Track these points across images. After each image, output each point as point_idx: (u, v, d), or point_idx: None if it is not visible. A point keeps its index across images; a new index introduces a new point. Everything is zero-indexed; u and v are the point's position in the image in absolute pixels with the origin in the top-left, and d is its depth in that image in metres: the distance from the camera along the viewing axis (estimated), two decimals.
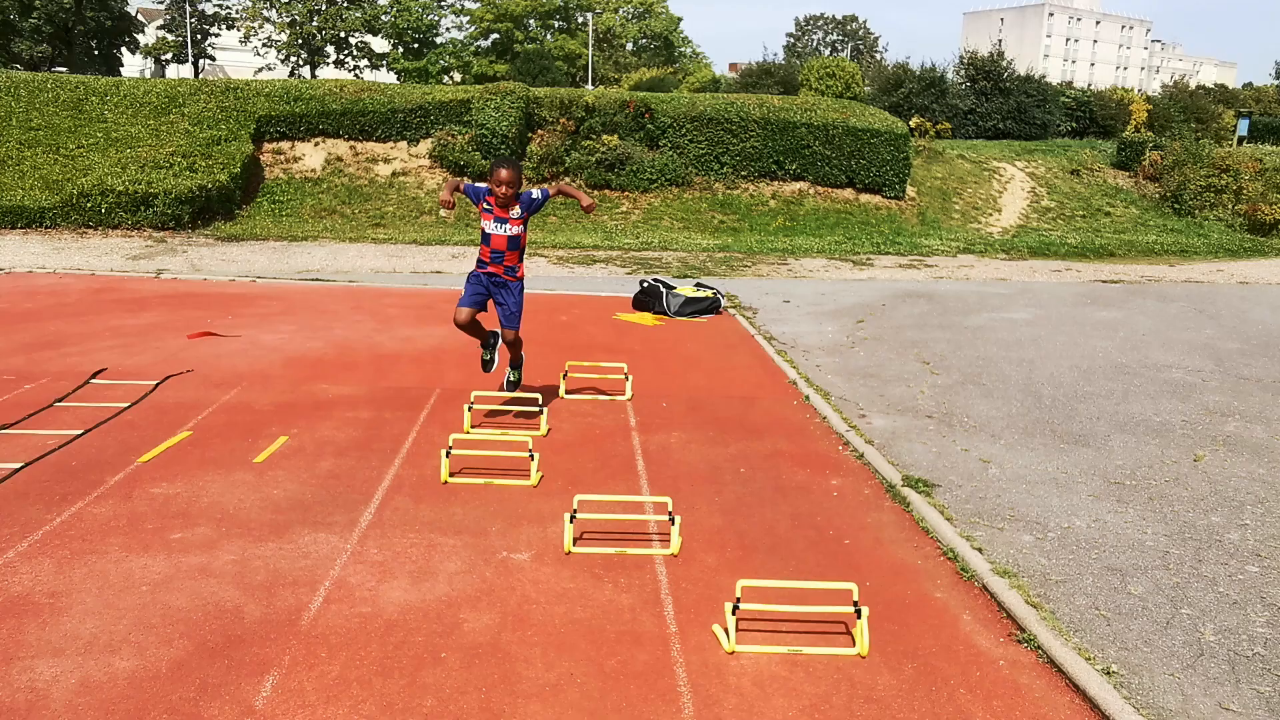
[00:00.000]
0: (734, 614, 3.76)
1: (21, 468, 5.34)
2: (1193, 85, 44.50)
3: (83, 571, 4.19)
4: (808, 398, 7.40)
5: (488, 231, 6.22)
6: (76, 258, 13.45)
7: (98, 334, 8.73)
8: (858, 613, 3.78)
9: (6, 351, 7.97)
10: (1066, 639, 3.83)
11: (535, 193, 6.26)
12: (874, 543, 4.82)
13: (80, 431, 5.99)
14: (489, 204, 6.15)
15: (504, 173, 6.08)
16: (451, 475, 5.43)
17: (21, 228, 15.48)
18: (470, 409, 6.34)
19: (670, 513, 4.67)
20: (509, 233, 6.19)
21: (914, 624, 4.01)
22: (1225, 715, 3.39)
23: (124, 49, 52.13)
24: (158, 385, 7.09)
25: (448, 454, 5.44)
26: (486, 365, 6.58)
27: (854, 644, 3.79)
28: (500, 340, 6.56)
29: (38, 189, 16.05)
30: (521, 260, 6.36)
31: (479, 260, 6.31)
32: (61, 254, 13.77)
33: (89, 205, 15.57)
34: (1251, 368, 8.89)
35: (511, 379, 6.71)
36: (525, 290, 6.54)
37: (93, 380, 7.15)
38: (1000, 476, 5.80)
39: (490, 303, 6.36)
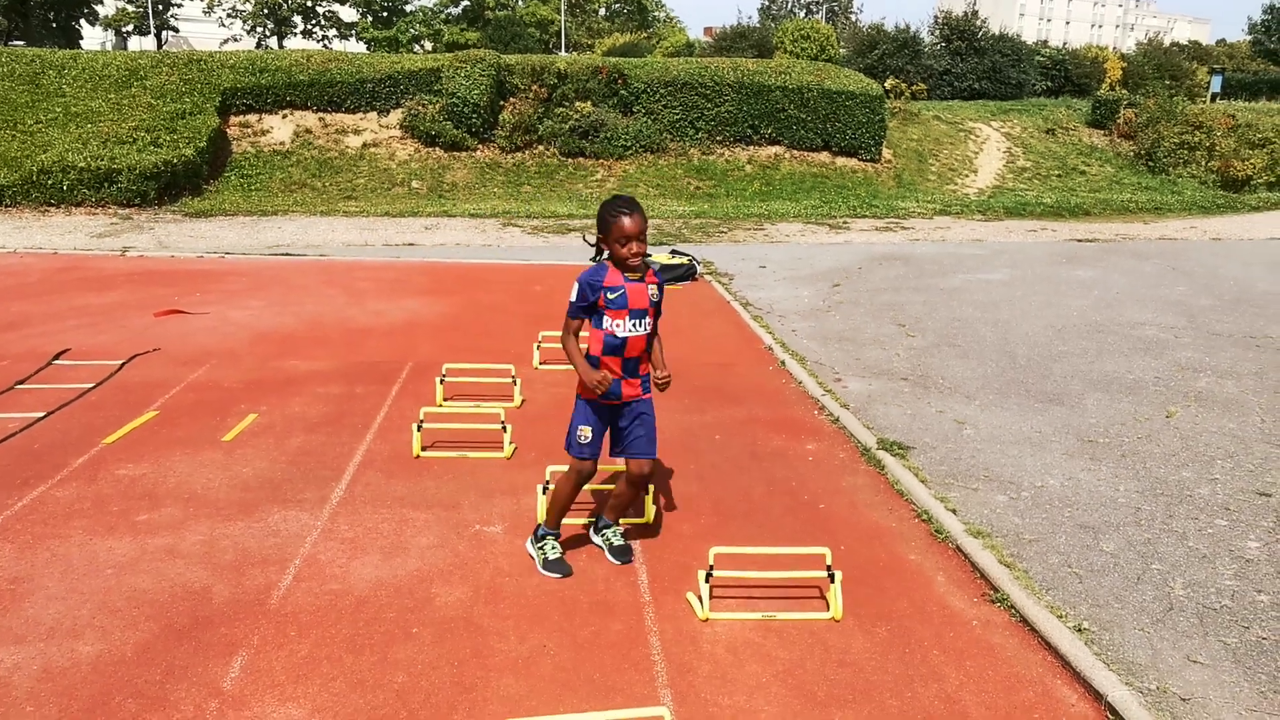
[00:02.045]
0: (707, 581, 3.74)
1: None
2: (1167, 42, 44.53)
3: (45, 556, 4.11)
4: (783, 363, 7.37)
5: (620, 336, 3.91)
6: (38, 236, 13.17)
7: (61, 314, 8.56)
8: (831, 577, 3.77)
9: None
10: (1039, 598, 3.84)
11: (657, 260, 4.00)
12: (849, 507, 4.82)
13: (43, 414, 5.87)
14: (614, 290, 3.88)
15: (628, 222, 3.81)
16: (424, 449, 5.37)
17: None
18: (442, 381, 6.27)
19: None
20: (646, 328, 3.98)
21: (888, 587, 4.01)
22: (1193, 668, 3.42)
23: (83, 20, 50.83)
24: (123, 365, 6.96)
25: (419, 428, 5.38)
26: (560, 567, 4.12)
27: (828, 608, 3.78)
28: (619, 500, 4.30)
29: None
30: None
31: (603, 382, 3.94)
32: (22, 233, 13.47)
33: (50, 183, 15.23)
34: (1223, 323, 8.95)
35: (618, 544, 4.28)
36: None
37: (55, 361, 7.01)
38: (975, 437, 5.80)
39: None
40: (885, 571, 4.14)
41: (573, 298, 3.95)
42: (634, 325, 3.93)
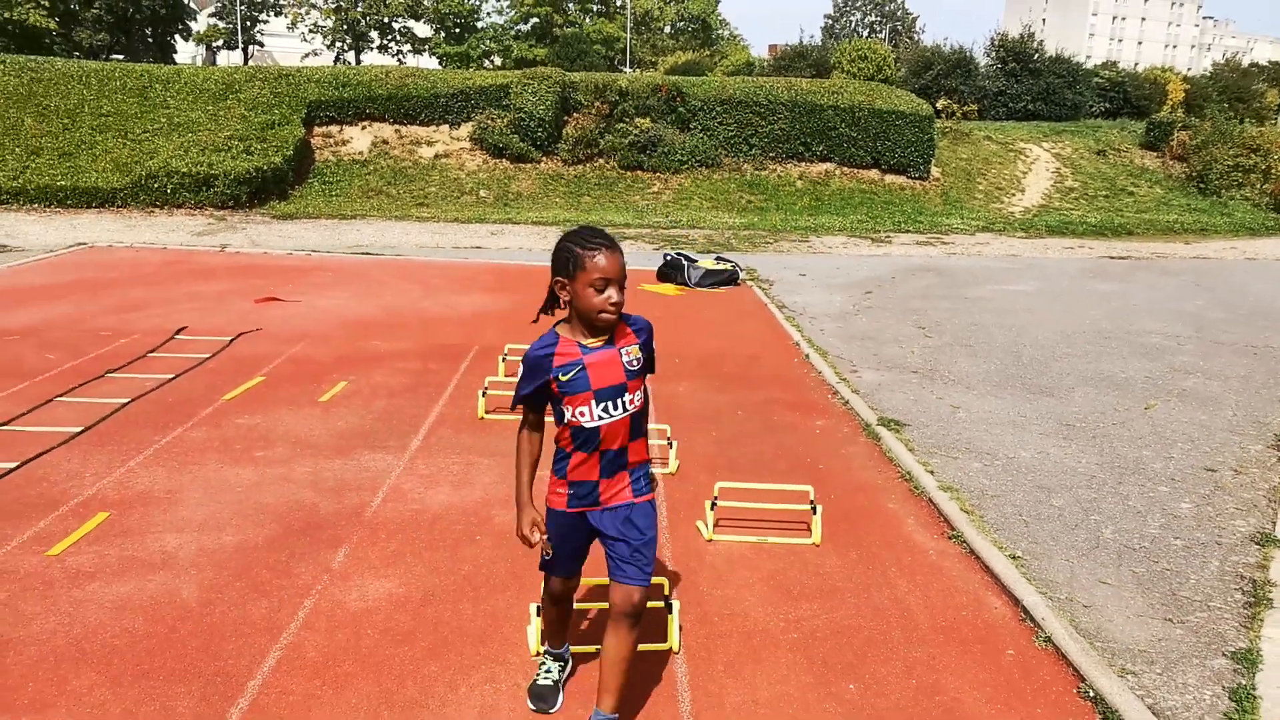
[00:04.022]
0: (712, 509, 4.64)
1: (129, 402, 6.37)
2: (1245, 63, 43.99)
3: (189, 477, 5.18)
4: (808, 356, 8.22)
5: (587, 426, 2.94)
6: (147, 234, 14.63)
7: (175, 299, 9.81)
8: (813, 509, 4.63)
9: (100, 313, 9.06)
10: (986, 535, 4.64)
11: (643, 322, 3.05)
12: (844, 468, 5.66)
13: (172, 376, 7.02)
14: (567, 369, 2.91)
15: (604, 259, 2.78)
16: (487, 412, 6.36)
17: (96, 207, 16.76)
18: (504, 359, 7.27)
19: (669, 438, 5.55)
20: (630, 407, 2.96)
21: (864, 525, 4.85)
22: (1101, 587, 4.20)
23: (177, 36, 53.85)
24: (233, 340, 8.12)
25: (484, 394, 6.37)
26: (543, 698, 3.27)
27: (810, 535, 4.64)
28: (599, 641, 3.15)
29: (109, 171, 17.32)
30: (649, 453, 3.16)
31: (571, 487, 3.07)
32: (133, 230, 14.96)
33: (156, 186, 16.79)
34: (1229, 334, 9.52)
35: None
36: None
37: (177, 336, 8.20)
38: (965, 419, 6.59)
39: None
40: (865, 515, 4.98)
41: (519, 381, 3.00)
42: (606, 410, 2.91)
